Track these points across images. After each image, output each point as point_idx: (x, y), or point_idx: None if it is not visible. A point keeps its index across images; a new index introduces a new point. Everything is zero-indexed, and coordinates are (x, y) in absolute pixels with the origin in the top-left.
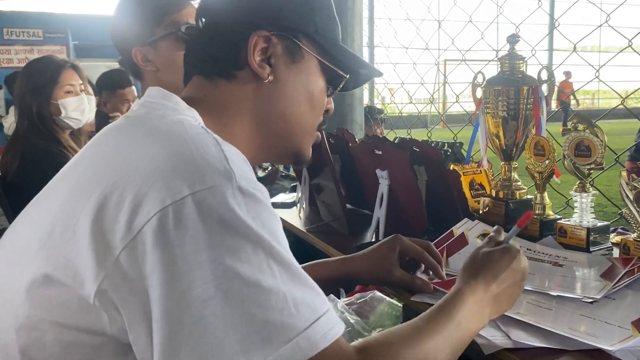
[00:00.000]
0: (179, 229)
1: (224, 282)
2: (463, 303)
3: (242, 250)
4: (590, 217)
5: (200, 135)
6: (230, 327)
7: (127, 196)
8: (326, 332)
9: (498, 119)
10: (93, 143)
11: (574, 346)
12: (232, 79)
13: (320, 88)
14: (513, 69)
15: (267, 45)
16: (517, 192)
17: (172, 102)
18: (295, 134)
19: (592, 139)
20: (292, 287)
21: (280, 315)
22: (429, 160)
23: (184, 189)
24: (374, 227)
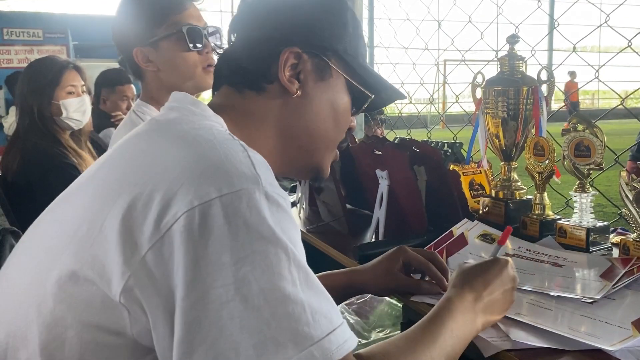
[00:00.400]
0: (204, 230)
1: (244, 286)
2: (453, 311)
3: (264, 255)
4: (590, 218)
5: (227, 140)
6: (246, 331)
7: (156, 196)
8: (341, 344)
9: (498, 119)
10: (122, 144)
11: (574, 346)
12: (261, 91)
13: (345, 106)
14: (513, 69)
15: (297, 61)
16: (516, 193)
17: (200, 108)
18: (317, 148)
19: (592, 139)
20: (310, 296)
21: (297, 322)
22: (428, 161)
23: (212, 192)
24: (373, 227)
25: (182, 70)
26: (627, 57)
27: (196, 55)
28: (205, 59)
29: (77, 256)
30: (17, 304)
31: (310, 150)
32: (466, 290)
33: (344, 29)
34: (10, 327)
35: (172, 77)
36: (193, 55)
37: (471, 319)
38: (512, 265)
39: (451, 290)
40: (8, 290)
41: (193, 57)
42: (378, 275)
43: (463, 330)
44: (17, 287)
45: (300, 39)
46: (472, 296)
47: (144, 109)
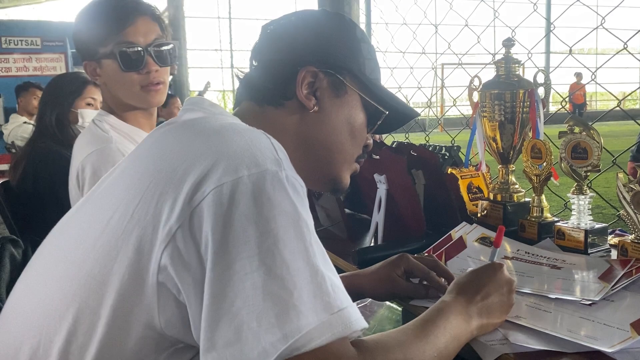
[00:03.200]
0: (231, 205)
1: (268, 257)
2: (446, 312)
3: (287, 228)
4: (588, 220)
5: (252, 130)
6: (269, 299)
7: (188, 180)
8: (358, 318)
9: (495, 122)
10: (148, 145)
11: (573, 348)
12: (280, 107)
13: (360, 122)
14: (509, 73)
15: (314, 79)
16: (515, 195)
17: (219, 110)
18: (334, 161)
19: (589, 142)
20: (328, 269)
21: (318, 292)
22: (426, 164)
23: (240, 171)
24: (372, 231)
25: (122, 88)
26: (623, 59)
27: (134, 75)
28: (144, 79)
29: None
30: (50, 297)
31: (328, 163)
32: (459, 294)
33: (357, 50)
34: (44, 322)
35: (117, 92)
36: (130, 75)
37: (464, 321)
38: (508, 268)
39: (446, 295)
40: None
41: (131, 77)
42: (379, 280)
43: (456, 331)
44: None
45: (317, 58)
46: (464, 299)
47: (103, 117)
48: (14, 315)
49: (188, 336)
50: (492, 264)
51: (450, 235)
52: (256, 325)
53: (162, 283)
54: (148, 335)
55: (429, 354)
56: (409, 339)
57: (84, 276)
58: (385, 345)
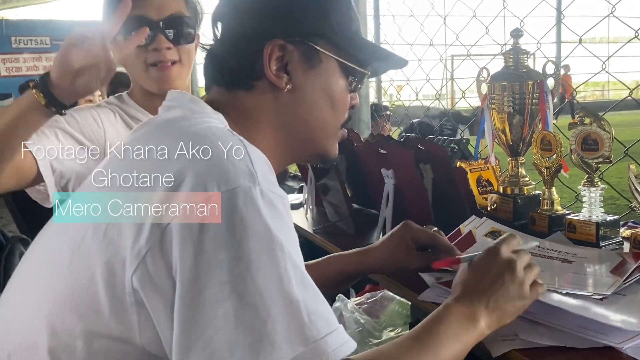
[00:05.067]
0: (201, 228)
1: (240, 284)
2: (448, 318)
3: (261, 253)
4: (599, 212)
5: (227, 137)
6: (241, 329)
7: (156, 196)
8: (338, 347)
9: (504, 114)
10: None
11: (585, 344)
12: (251, 89)
13: (341, 89)
14: (518, 64)
15: (282, 53)
16: (525, 188)
17: (199, 106)
18: (318, 138)
19: (599, 133)
20: (307, 296)
21: (293, 322)
22: (434, 158)
23: (211, 188)
24: (380, 226)
25: (131, 66)
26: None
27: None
28: (153, 56)
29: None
30: (28, 313)
31: (311, 140)
32: (461, 295)
33: (327, 7)
34: (22, 338)
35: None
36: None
37: (469, 322)
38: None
39: (447, 299)
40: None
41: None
42: (388, 252)
43: (461, 336)
44: (27, 298)
45: (282, 29)
46: (467, 299)
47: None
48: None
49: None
50: (487, 250)
51: (459, 229)
52: (228, 356)
53: (139, 303)
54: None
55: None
56: (404, 355)
57: (60, 296)
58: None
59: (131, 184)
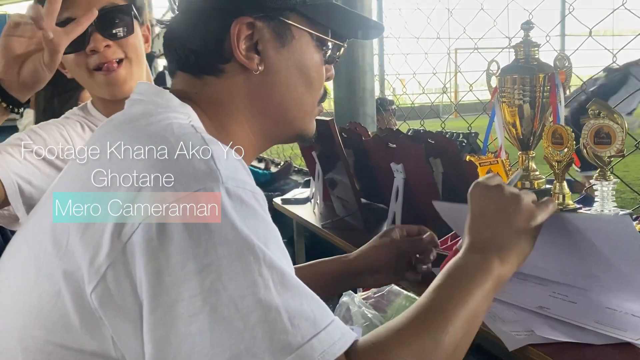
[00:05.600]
0: (164, 239)
1: (212, 295)
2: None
3: (231, 259)
4: (612, 206)
5: (186, 135)
6: (218, 345)
7: (113, 207)
8: (326, 349)
9: (514, 107)
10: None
11: (601, 340)
12: (220, 74)
13: (317, 65)
14: (528, 57)
15: (251, 31)
16: (535, 182)
17: (164, 99)
18: (295, 118)
19: (612, 126)
20: (287, 298)
21: (272, 331)
22: (444, 152)
23: (168, 197)
24: (390, 221)
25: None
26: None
27: (82, 57)
28: (93, 60)
29: (49, 278)
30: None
31: (288, 122)
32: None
33: None
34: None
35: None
36: (78, 58)
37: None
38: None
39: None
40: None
41: (78, 61)
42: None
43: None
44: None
45: (249, 4)
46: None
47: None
48: None
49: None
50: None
51: None
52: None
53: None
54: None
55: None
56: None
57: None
58: (382, 345)
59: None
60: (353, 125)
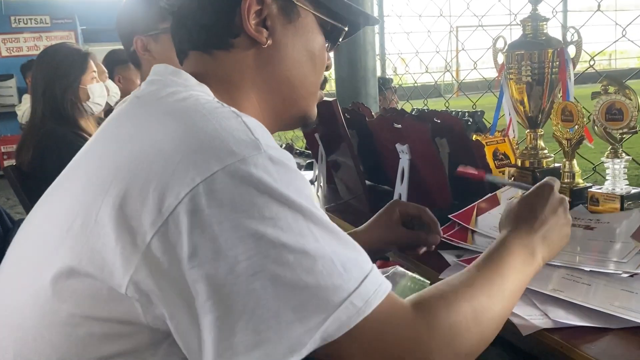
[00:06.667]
0: (214, 206)
1: (270, 253)
2: (510, 248)
3: (281, 219)
4: (623, 184)
5: (218, 109)
6: (282, 296)
7: (152, 180)
8: (377, 287)
9: (522, 84)
10: (105, 128)
11: (618, 324)
12: (230, 48)
13: (320, 45)
14: (536, 32)
15: (260, 7)
16: (544, 161)
17: (182, 78)
18: (300, 97)
19: (625, 102)
20: (336, 247)
21: (329, 277)
22: (450, 132)
23: (213, 165)
24: None
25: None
26: None
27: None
28: None
29: (75, 251)
30: (20, 310)
31: (294, 100)
32: (518, 225)
33: None
34: (18, 335)
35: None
36: None
37: (529, 254)
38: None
39: (503, 231)
40: (7, 296)
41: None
42: (378, 230)
43: (522, 267)
44: (15, 292)
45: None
46: (524, 230)
47: None
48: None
49: None
50: (542, 185)
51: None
52: (275, 324)
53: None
54: (136, 330)
55: (498, 298)
56: (472, 285)
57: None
58: (445, 296)
59: (124, 167)
60: (356, 105)
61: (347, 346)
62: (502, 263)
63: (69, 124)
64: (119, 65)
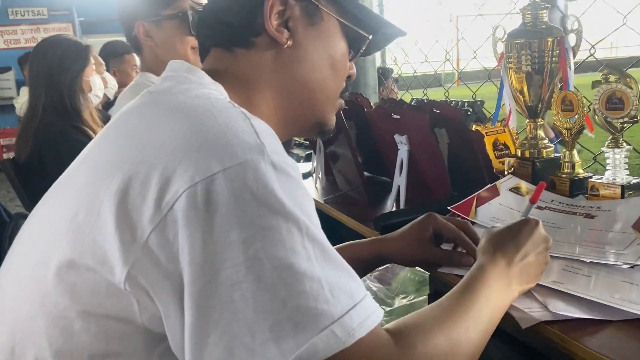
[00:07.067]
0: (209, 207)
1: (256, 264)
2: (487, 279)
3: (275, 230)
4: (624, 174)
5: (228, 109)
6: (260, 312)
7: (154, 175)
8: (363, 320)
9: (522, 74)
10: (114, 123)
11: (619, 316)
12: (251, 47)
13: (342, 51)
14: (536, 20)
15: (283, 7)
16: (543, 151)
17: (197, 76)
18: (318, 102)
19: (625, 91)
20: (327, 270)
21: (314, 301)
22: (450, 122)
23: (214, 165)
24: (394, 195)
25: (177, 49)
26: None
27: (191, 38)
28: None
29: (77, 245)
30: (21, 299)
31: (311, 105)
32: (498, 255)
33: None
34: (17, 324)
35: (167, 54)
36: (190, 38)
37: (506, 285)
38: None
39: (482, 257)
40: (11, 284)
41: (189, 40)
42: (406, 244)
43: (499, 298)
44: (19, 281)
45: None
46: (504, 261)
47: (149, 76)
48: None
49: None
50: (528, 220)
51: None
52: (250, 341)
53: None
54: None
55: (473, 330)
56: (449, 317)
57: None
58: (424, 329)
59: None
60: (354, 96)
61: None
62: (478, 294)
63: (70, 116)
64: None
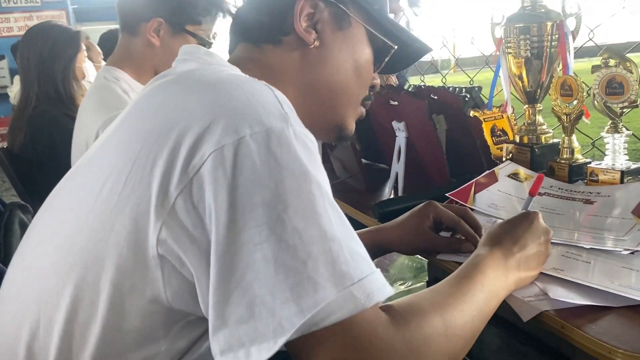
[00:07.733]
0: (235, 170)
1: (278, 225)
2: (483, 267)
3: (298, 193)
4: (623, 159)
5: (253, 81)
6: (282, 272)
7: (183, 141)
8: (381, 286)
9: (520, 59)
10: (136, 104)
11: (620, 302)
12: (278, 44)
13: (366, 58)
14: (535, 4)
15: (313, 10)
16: (542, 137)
17: (215, 59)
18: (339, 104)
19: (625, 75)
20: (346, 236)
21: (335, 261)
22: (448, 108)
23: (241, 130)
24: (392, 182)
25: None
26: None
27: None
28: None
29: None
30: (45, 274)
31: (332, 107)
32: (495, 247)
33: None
34: (41, 299)
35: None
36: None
37: (502, 275)
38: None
39: (480, 249)
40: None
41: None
42: (407, 233)
43: (494, 285)
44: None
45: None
46: (501, 252)
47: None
48: (13, 290)
49: (198, 308)
50: (527, 213)
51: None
52: (270, 300)
53: (163, 256)
54: (154, 309)
55: (469, 314)
56: (445, 300)
57: (79, 251)
58: (420, 309)
59: (156, 130)
60: None
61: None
62: (474, 281)
63: (63, 104)
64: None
